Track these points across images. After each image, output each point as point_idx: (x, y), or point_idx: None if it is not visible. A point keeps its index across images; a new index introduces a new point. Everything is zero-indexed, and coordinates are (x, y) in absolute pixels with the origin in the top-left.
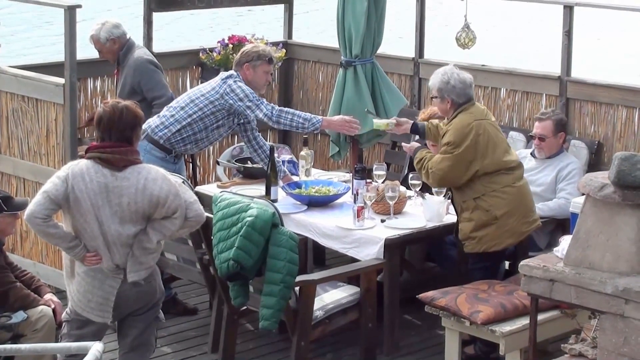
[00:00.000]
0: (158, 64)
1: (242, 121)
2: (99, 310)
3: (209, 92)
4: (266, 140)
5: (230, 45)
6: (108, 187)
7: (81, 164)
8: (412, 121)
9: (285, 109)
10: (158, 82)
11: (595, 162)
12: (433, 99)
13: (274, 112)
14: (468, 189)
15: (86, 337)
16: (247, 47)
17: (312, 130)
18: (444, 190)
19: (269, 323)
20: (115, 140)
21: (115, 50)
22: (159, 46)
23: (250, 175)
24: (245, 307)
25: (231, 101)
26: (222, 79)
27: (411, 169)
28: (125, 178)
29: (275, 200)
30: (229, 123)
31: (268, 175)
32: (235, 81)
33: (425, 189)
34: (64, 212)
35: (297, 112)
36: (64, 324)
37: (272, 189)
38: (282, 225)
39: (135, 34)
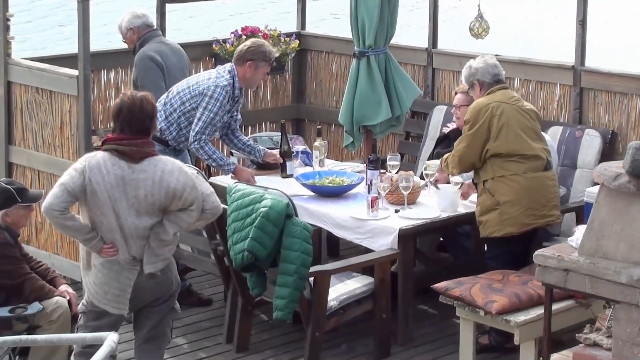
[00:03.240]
0: (160, 63)
1: (232, 114)
2: (115, 302)
3: (193, 85)
4: (279, 131)
5: (244, 37)
6: (125, 179)
7: (98, 156)
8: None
9: (207, 148)
10: (152, 81)
11: (609, 152)
12: (469, 93)
13: (194, 144)
14: (481, 171)
15: (102, 329)
16: (252, 43)
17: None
18: (460, 180)
19: (283, 313)
20: (135, 131)
21: (134, 40)
22: (174, 38)
23: (264, 166)
24: (259, 298)
25: (199, 102)
26: (215, 77)
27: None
28: (142, 170)
29: (291, 175)
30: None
31: (283, 152)
32: (223, 88)
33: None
34: (81, 205)
35: (215, 155)
36: (80, 315)
37: (288, 164)
38: (296, 216)
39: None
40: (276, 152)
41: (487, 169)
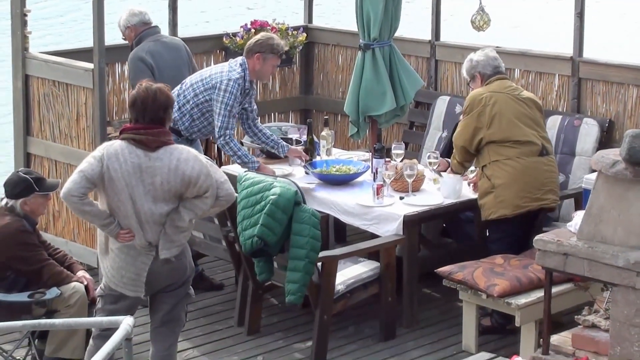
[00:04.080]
0: (150, 63)
1: (245, 106)
2: (131, 285)
3: (207, 78)
4: (288, 122)
5: (253, 30)
6: (142, 167)
7: (115, 145)
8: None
9: (232, 144)
10: (140, 81)
11: (606, 140)
12: (469, 86)
13: (220, 140)
14: (480, 157)
15: (120, 312)
16: (261, 36)
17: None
18: (473, 168)
19: (295, 297)
20: (148, 121)
21: (132, 37)
22: (187, 31)
23: (272, 155)
24: (269, 282)
25: (214, 96)
26: (227, 70)
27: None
28: (158, 158)
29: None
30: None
31: (307, 149)
32: (235, 81)
33: None
34: (99, 191)
35: (240, 152)
36: (98, 299)
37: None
38: (305, 203)
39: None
40: (300, 148)
41: (484, 155)
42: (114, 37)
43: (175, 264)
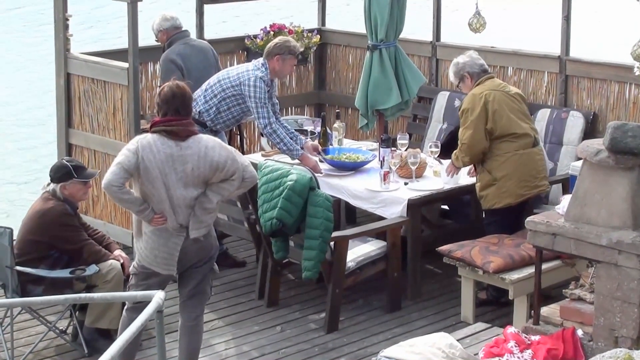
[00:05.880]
0: (180, 64)
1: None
2: (164, 264)
3: (234, 75)
4: (303, 115)
5: (272, 32)
6: (173, 156)
7: (148, 138)
8: None
9: (279, 131)
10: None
11: (591, 131)
12: (459, 87)
13: (266, 129)
14: None
15: (152, 287)
16: (279, 40)
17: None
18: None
19: (311, 273)
20: (185, 112)
21: (164, 40)
22: (212, 34)
23: None
24: (287, 260)
25: (245, 92)
26: (252, 69)
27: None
28: (188, 147)
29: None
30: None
31: (322, 142)
32: (260, 78)
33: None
34: (134, 180)
35: (286, 139)
36: (131, 275)
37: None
38: (319, 188)
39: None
40: (316, 142)
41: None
42: (148, 39)
43: (203, 242)
